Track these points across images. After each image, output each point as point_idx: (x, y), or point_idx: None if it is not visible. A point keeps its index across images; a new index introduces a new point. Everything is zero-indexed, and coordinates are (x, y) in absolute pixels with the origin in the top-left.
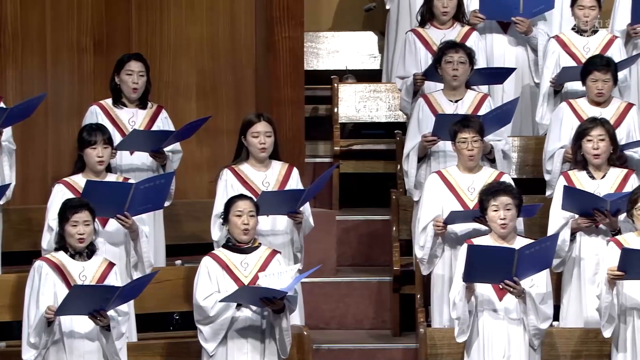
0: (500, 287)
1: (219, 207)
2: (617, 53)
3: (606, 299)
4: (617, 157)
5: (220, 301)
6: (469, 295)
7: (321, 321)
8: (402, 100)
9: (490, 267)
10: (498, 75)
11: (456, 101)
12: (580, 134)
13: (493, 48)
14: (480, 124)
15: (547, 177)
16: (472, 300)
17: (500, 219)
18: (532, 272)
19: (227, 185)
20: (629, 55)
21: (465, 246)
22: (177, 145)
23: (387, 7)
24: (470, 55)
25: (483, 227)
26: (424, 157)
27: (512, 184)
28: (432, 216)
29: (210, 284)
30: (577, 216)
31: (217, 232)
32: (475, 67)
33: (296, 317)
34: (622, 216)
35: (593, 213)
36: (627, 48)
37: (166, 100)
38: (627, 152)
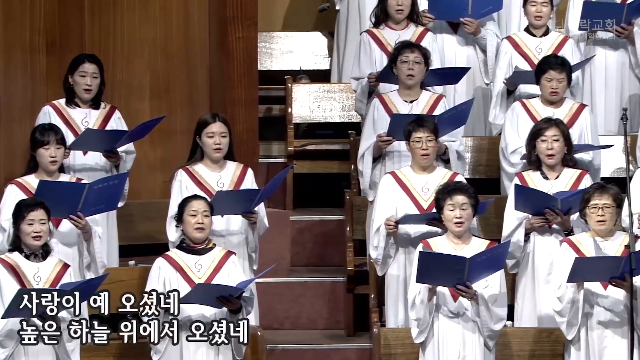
0: (454, 289)
1: (174, 207)
2: (569, 54)
3: (574, 300)
4: (570, 157)
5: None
6: (430, 295)
7: (275, 321)
8: (357, 101)
9: (442, 273)
10: (452, 75)
11: (411, 102)
12: (535, 134)
13: (444, 49)
14: (434, 124)
15: (511, 170)
16: (432, 300)
17: (456, 217)
18: (485, 276)
19: (181, 186)
20: (582, 55)
21: (421, 246)
22: (130, 146)
23: (337, 7)
24: (425, 55)
25: (435, 229)
26: (378, 157)
27: (467, 183)
28: (386, 217)
29: (157, 285)
30: (530, 216)
31: (173, 233)
32: (430, 68)
33: (251, 318)
34: (574, 216)
35: (545, 212)
36: (587, 45)
37: (119, 100)
38: (577, 155)
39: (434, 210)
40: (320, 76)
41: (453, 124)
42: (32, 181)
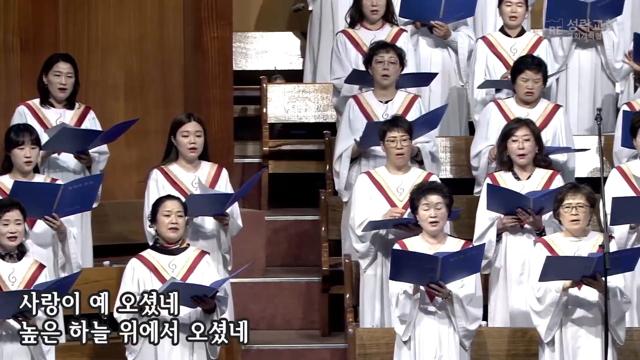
0: (425, 289)
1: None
2: (543, 54)
3: (559, 302)
4: (542, 157)
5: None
6: (415, 289)
7: (250, 321)
8: (341, 98)
9: (415, 271)
10: (423, 78)
11: (386, 102)
12: (506, 135)
13: (419, 49)
14: (409, 124)
15: (475, 173)
16: (417, 295)
17: (431, 217)
18: (459, 277)
19: (158, 186)
20: (564, 52)
21: (396, 246)
22: (103, 147)
23: (310, 8)
24: (400, 55)
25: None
26: (355, 158)
27: (442, 183)
28: (367, 214)
29: (132, 286)
30: (502, 216)
31: (152, 231)
32: (404, 69)
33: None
34: (546, 216)
35: (516, 212)
36: (571, 44)
37: (94, 100)
38: (552, 157)
39: (409, 210)
40: (295, 76)
41: (426, 128)
42: (6, 181)
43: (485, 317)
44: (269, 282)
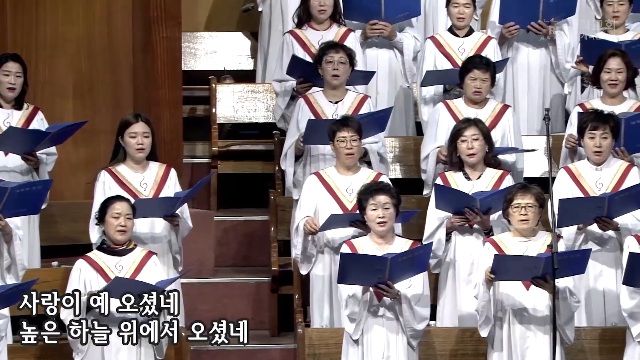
0: (374, 290)
1: (97, 209)
2: (492, 54)
3: (483, 298)
4: (492, 157)
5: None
6: (365, 289)
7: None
8: (276, 106)
9: (363, 273)
10: (363, 76)
11: (336, 102)
12: (455, 135)
13: (366, 49)
14: (358, 124)
15: (423, 176)
16: (366, 295)
17: (379, 217)
18: (407, 276)
19: (105, 187)
20: (504, 57)
21: (345, 247)
22: (51, 148)
23: (260, 9)
24: (350, 55)
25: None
26: (301, 156)
27: (390, 183)
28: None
29: (78, 287)
30: (451, 216)
31: (95, 235)
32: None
33: None
34: (494, 216)
35: (464, 212)
36: (502, 49)
37: (42, 100)
38: (500, 157)
39: (358, 211)
40: (244, 76)
41: (374, 129)
42: None
43: (433, 317)
44: (218, 283)
